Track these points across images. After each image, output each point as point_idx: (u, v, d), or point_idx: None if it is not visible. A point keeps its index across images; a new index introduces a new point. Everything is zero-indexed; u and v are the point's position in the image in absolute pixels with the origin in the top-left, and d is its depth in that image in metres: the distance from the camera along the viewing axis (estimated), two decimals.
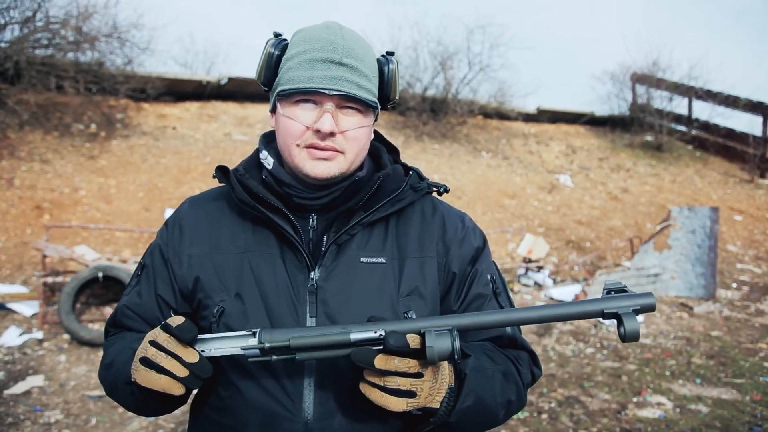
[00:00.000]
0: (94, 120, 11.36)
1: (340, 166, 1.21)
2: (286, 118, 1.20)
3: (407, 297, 1.22)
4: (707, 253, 9.54)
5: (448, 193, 1.32)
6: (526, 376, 1.27)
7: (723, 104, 17.94)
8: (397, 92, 1.29)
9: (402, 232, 1.28)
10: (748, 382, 5.78)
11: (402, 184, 1.27)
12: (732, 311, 8.86)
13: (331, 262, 1.22)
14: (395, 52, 1.38)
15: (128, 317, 1.31)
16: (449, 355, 1.00)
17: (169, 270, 1.28)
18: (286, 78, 1.19)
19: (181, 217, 1.33)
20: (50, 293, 6.68)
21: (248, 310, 1.19)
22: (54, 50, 10.81)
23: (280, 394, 1.16)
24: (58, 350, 5.93)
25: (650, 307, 1.04)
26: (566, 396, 5.32)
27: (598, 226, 12.53)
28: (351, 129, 1.19)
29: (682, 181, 15.96)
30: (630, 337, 1.01)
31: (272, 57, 1.22)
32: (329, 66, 1.16)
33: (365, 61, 1.21)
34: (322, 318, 1.18)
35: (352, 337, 1.03)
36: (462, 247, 1.30)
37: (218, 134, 12.34)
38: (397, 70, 1.27)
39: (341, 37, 1.18)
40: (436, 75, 15.73)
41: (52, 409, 4.74)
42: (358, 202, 1.23)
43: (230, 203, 1.31)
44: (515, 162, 14.91)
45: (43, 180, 9.36)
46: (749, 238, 13.24)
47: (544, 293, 9.02)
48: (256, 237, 1.26)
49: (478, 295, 1.29)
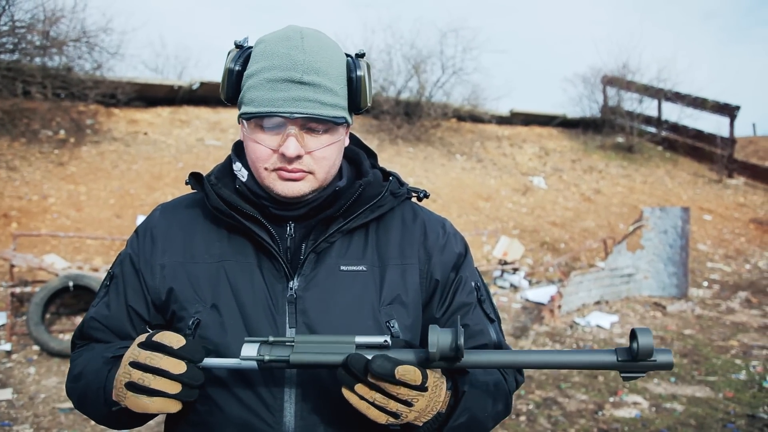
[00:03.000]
0: (62, 126, 11.14)
1: (311, 185, 1.17)
2: (251, 141, 1.15)
3: (389, 305, 1.19)
4: (679, 252, 9.70)
5: (428, 198, 1.29)
6: (511, 384, 1.26)
7: (691, 106, 18.35)
8: (368, 98, 1.21)
9: (382, 238, 1.25)
10: (720, 380, 5.88)
11: (382, 190, 1.24)
12: (704, 310, 9.02)
13: (310, 271, 1.18)
14: (367, 54, 1.32)
15: (96, 329, 1.25)
16: (451, 353, 0.97)
17: (140, 280, 1.23)
18: (248, 98, 1.13)
19: (153, 225, 1.27)
20: (18, 304, 6.51)
21: (225, 322, 1.14)
22: (20, 55, 10.57)
23: (260, 408, 1.12)
24: (27, 362, 5.77)
25: (668, 364, 0.99)
26: (544, 398, 5.35)
27: (572, 228, 12.67)
28: (318, 149, 1.14)
29: (653, 182, 16.24)
30: (643, 351, 0.96)
31: (233, 73, 1.16)
32: (289, 86, 1.10)
33: (329, 73, 1.13)
34: (302, 328, 1.14)
35: None
36: (444, 254, 1.27)
37: (191, 139, 12.19)
38: (367, 75, 1.19)
39: (302, 50, 1.11)
40: (410, 78, 15.79)
41: (21, 423, 4.60)
42: (337, 210, 1.19)
43: (204, 211, 1.26)
44: (489, 164, 15.01)
45: (11, 187, 9.13)
46: (719, 237, 13.52)
47: (520, 295, 9.08)
48: (231, 245, 1.21)
49: (462, 303, 1.26)
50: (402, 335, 1.19)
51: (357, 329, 1.15)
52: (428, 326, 1.24)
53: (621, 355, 0.99)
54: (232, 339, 1.13)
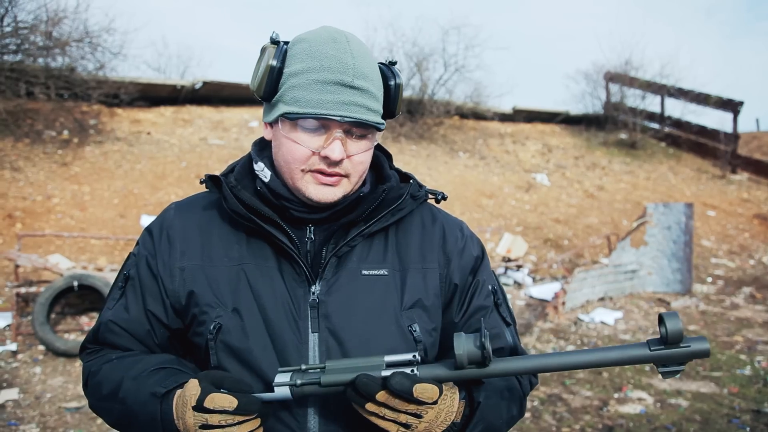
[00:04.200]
0: (66, 126, 11.16)
1: (344, 190, 1.16)
2: (290, 141, 1.13)
3: (410, 309, 1.19)
4: (683, 248, 9.69)
5: (446, 200, 1.29)
6: (526, 387, 1.26)
7: (694, 102, 18.31)
8: (401, 106, 1.23)
9: (402, 242, 1.25)
10: (725, 375, 5.87)
11: (402, 193, 1.23)
12: (708, 305, 9.01)
13: (332, 276, 1.17)
14: (373, 53, 1.31)
15: (114, 333, 1.21)
16: (479, 359, 0.97)
17: (159, 284, 1.20)
18: (291, 98, 1.11)
19: (168, 225, 1.24)
20: (24, 304, 6.53)
21: (247, 326, 1.13)
22: (23, 56, 10.59)
23: (284, 414, 1.12)
24: (33, 362, 5.79)
25: (704, 351, 0.95)
26: (548, 394, 5.35)
27: (575, 224, 12.65)
28: (358, 153, 1.14)
29: (656, 178, 16.21)
30: (673, 335, 0.94)
31: (275, 71, 1.13)
32: (340, 90, 1.09)
33: (374, 79, 1.14)
34: (324, 333, 1.14)
35: (383, 374, 1.01)
36: (462, 258, 1.27)
37: (194, 139, 12.20)
38: (402, 84, 1.22)
39: (351, 55, 1.11)
40: (412, 76, 15.78)
41: (28, 422, 4.62)
42: (360, 215, 1.18)
43: (221, 212, 1.24)
44: (492, 162, 15.00)
45: (15, 188, 9.16)
46: (722, 233, 13.49)
47: (524, 292, 9.07)
48: (250, 249, 1.20)
49: (480, 307, 1.26)
50: (424, 339, 1.19)
51: (379, 333, 1.16)
52: (449, 331, 1.25)
53: (653, 344, 0.97)
54: (254, 344, 1.13)
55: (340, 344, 1.14)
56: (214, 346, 1.15)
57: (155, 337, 1.22)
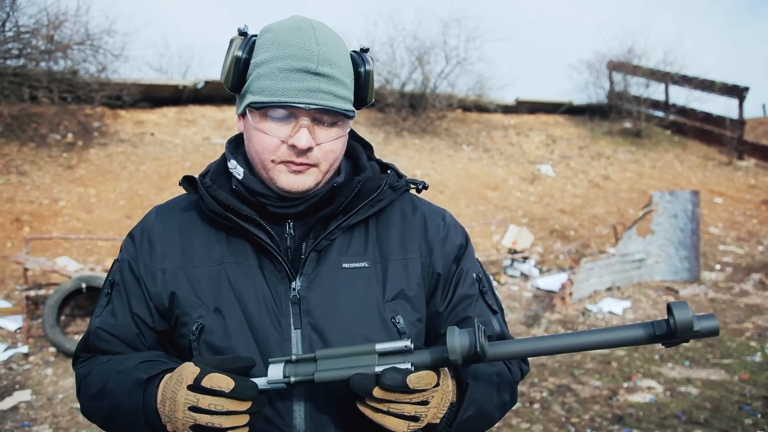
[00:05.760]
0: (70, 129, 11.20)
1: (315, 178, 1.15)
2: (258, 131, 1.13)
3: (393, 301, 1.18)
4: (690, 236, 9.65)
5: (426, 189, 1.28)
6: (516, 374, 1.25)
7: (699, 88, 18.18)
8: (373, 94, 1.21)
9: (383, 233, 1.23)
10: (735, 362, 5.85)
11: (380, 183, 1.21)
12: (717, 293, 8.97)
13: (312, 270, 1.16)
14: (370, 48, 1.30)
15: (104, 340, 1.21)
16: (473, 354, 0.95)
17: (142, 287, 1.20)
18: (257, 87, 1.11)
19: (149, 228, 1.24)
20: (33, 306, 6.58)
21: (229, 326, 1.13)
22: (26, 60, 10.62)
23: (269, 411, 1.11)
24: (45, 364, 5.84)
25: (713, 330, 0.91)
26: (557, 385, 5.35)
27: (581, 215, 12.62)
28: (328, 141, 1.13)
29: (662, 166, 16.13)
30: (682, 328, 0.90)
31: (240, 61, 1.13)
32: (304, 76, 1.08)
33: (341, 66, 1.13)
34: (306, 329, 1.13)
35: (377, 370, 0.99)
36: (445, 246, 1.26)
37: (197, 138, 12.23)
38: (372, 71, 1.19)
39: (315, 41, 1.10)
40: (414, 70, 15.75)
41: (41, 423, 4.66)
42: (337, 208, 1.17)
43: (200, 213, 1.23)
44: (496, 154, 14.96)
45: (21, 192, 9.21)
46: (730, 220, 13.42)
47: (531, 283, 9.06)
48: (231, 248, 1.19)
49: (464, 296, 1.25)
50: (408, 330, 1.18)
51: (362, 327, 1.14)
52: (434, 321, 1.24)
53: (658, 329, 0.93)
54: (236, 343, 1.12)
55: (323, 339, 1.13)
56: (197, 347, 1.14)
57: (144, 340, 1.21)
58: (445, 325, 1.25)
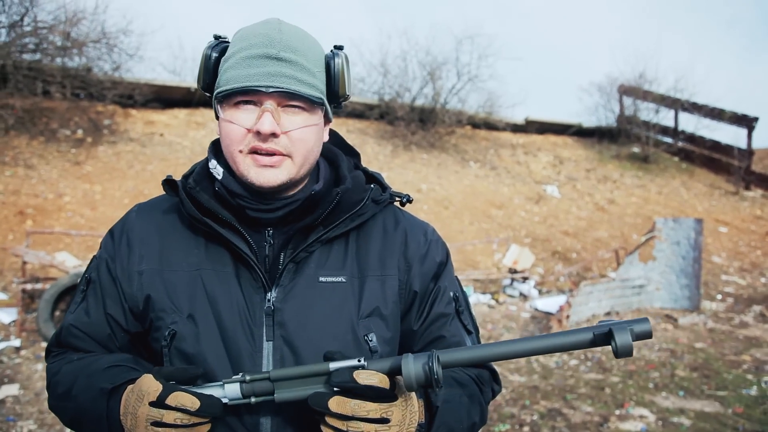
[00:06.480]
0: (80, 125, 11.28)
1: (288, 172, 1.13)
2: (226, 122, 1.13)
3: (367, 318, 1.17)
4: (692, 264, 9.59)
5: (411, 203, 1.26)
6: (487, 394, 1.23)
7: (708, 116, 18.17)
8: (347, 87, 1.19)
9: (362, 247, 1.22)
10: (731, 395, 5.79)
11: (363, 196, 1.20)
12: (716, 323, 8.89)
13: (289, 282, 1.15)
14: (384, 60, 1.29)
15: (76, 337, 1.21)
16: (428, 382, 0.94)
17: (117, 287, 1.19)
18: (224, 79, 1.12)
19: (129, 228, 1.23)
20: (29, 300, 6.59)
21: (201, 333, 1.12)
22: (41, 55, 10.75)
23: (237, 425, 1.10)
24: (36, 358, 5.84)
25: (646, 332, 0.97)
26: (549, 408, 5.30)
27: (584, 237, 12.57)
28: (295, 129, 1.11)
29: (669, 193, 16.08)
30: (623, 351, 0.95)
31: (210, 59, 1.15)
32: (265, 62, 1.09)
33: (307, 54, 1.13)
34: (279, 341, 1.12)
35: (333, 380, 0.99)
36: (424, 264, 1.25)
37: (206, 141, 12.29)
38: (345, 64, 1.17)
39: (278, 31, 1.11)
40: (425, 85, 15.81)
41: (26, 418, 4.65)
42: (316, 219, 1.16)
43: (181, 216, 1.22)
44: (503, 172, 14.96)
45: (27, 185, 9.26)
46: (734, 250, 13.34)
47: (530, 304, 9.02)
48: (209, 254, 1.18)
49: (440, 314, 1.24)
50: (380, 349, 1.17)
51: (335, 343, 1.13)
52: (407, 339, 1.22)
53: (599, 340, 0.98)
54: (207, 351, 1.11)
55: (294, 353, 1.12)
56: (168, 353, 1.13)
57: (116, 340, 1.21)
58: (419, 343, 1.24)
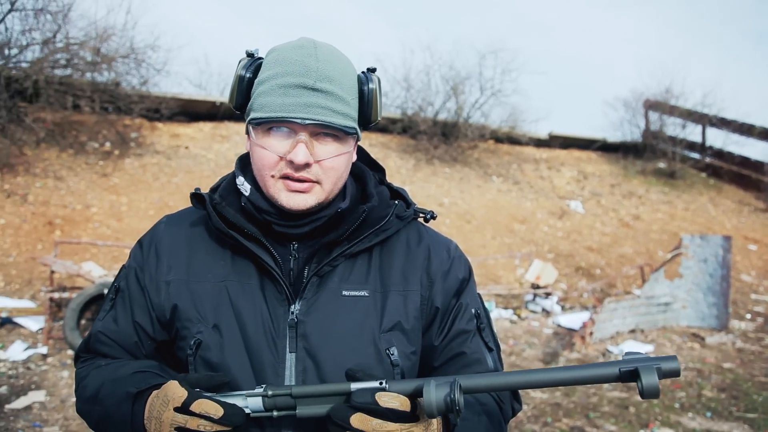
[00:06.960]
0: (108, 138, 11.52)
1: (317, 197, 1.16)
2: (258, 147, 1.14)
3: (389, 332, 1.19)
4: (719, 282, 9.39)
5: (435, 219, 1.27)
6: (507, 413, 1.23)
7: (737, 132, 17.85)
8: (379, 113, 1.21)
9: (386, 262, 1.23)
10: (760, 417, 5.63)
11: (388, 212, 1.22)
12: (745, 343, 8.68)
13: (312, 295, 1.17)
14: (407, 75, 1.30)
15: (104, 344, 1.25)
16: (449, 411, 0.94)
17: (145, 296, 1.22)
18: (258, 104, 1.13)
19: (158, 239, 1.27)
20: (56, 309, 6.71)
21: (226, 343, 1.14)
22: (72, 70, 11.01)
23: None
24: (62, 366, 5.93)
25: (674, 371, 0.95)
26: (571, 426, 5.21)
27: (608, 253, 12.41)
28: (328, 158, 1.13)
29: (696, 209, 15.81)
30: (649, 393, 0.92)
31: (243, 80, 1.16)
32: (301, 92, 1.09)
33: (342, 83, 1.13)
34: (301, 353, 1.14)
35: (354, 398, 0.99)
36: (447, 280, 1.26)
37: (230, 154, 12.44)
38: (378, 90, 1.19)
39: (315, 58, 1.11)
40: (448, 99, 15.82)
41: (52, 425, 4.72)
42: (341, 235, 1.18)
43: (208, 228, 1.25)
44: (526, 187, 14.87)
45: (56, 196, 9.46)
46: (764, 268, 13.04)
47: (552, 320, 8.91)
48: (235, 266, 1.20)
49: (461, 331, 1.25)
50: (401, 363, 1.18)
51: (356, 356, 1.14)
52: (428, 354, 1.23)
53: (625, 377, 0.95)
54: (231, 361, 1.13)
55: (316, 365, 1.14)
56: (194, 362, 1.16)
57: (143, 348, 1.24)
58: (440, 359, 1.25)
